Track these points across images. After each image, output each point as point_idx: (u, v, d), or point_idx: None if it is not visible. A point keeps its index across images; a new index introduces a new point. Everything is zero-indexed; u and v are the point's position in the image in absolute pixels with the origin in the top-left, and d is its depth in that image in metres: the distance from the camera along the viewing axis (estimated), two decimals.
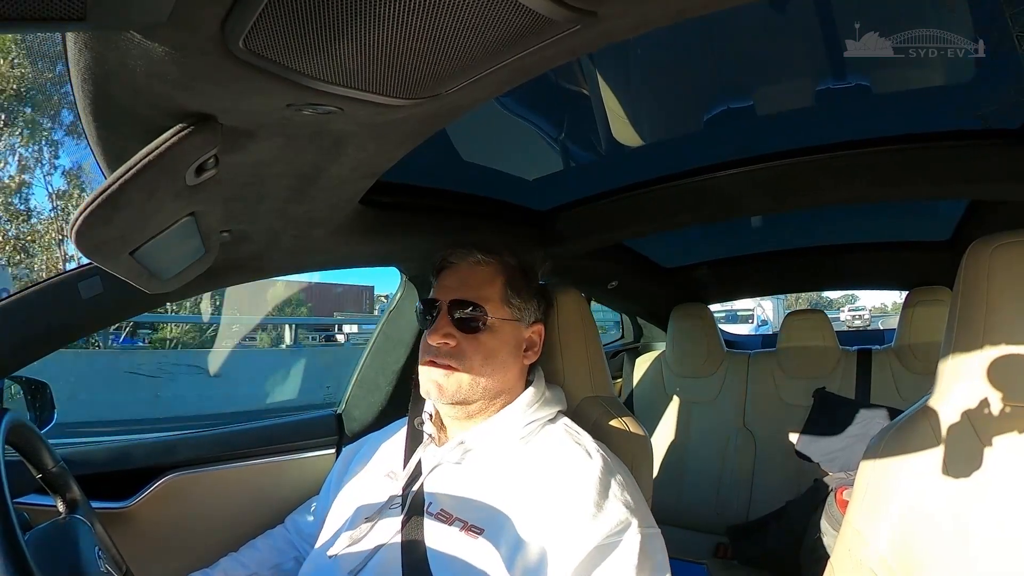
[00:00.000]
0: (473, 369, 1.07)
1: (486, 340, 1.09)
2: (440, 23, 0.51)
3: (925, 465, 0.89)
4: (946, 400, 0.92)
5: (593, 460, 1.03)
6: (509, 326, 1.12)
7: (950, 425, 0.89)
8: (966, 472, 0.86)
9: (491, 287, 1.12)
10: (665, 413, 2.83)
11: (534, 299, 1.17)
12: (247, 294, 12.31)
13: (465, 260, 1.15)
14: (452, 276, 1.14)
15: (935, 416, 0.91)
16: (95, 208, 0.59)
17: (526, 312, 1.15)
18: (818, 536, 1.78)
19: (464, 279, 1.13)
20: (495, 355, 1.09)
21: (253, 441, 1.48)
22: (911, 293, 2.44)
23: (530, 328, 1.16)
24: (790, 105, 1.32)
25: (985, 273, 0.90)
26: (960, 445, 0.88)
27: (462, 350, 1.08)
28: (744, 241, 2.58)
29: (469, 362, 1.07)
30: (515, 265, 1.17)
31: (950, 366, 0.92)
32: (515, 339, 1.13)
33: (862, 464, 0.97)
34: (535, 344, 1.17)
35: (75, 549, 0.81)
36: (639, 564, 0.92)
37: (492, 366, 1.09)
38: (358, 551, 1.04)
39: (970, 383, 0.89)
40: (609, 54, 1.15)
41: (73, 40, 0.50)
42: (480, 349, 1.08)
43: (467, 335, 1.08)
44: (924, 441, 0.90)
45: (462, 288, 1.11)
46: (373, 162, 0.86)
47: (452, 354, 1.07)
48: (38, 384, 1.13)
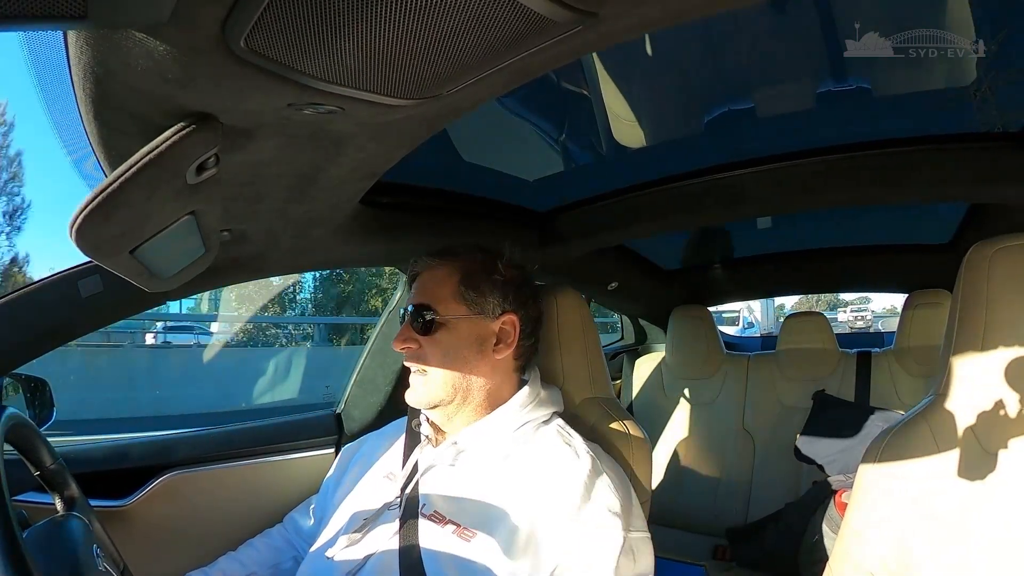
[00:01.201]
0: (433, 370, 1.10)
1: (442, 338, 1.10)
2: (441, 23, 0.51)
3: (925, 468, 0.89)
4: (946, 403, 0.92)
5: (580, 460, 1.03)
6: (466, 322, 1.11)
7: (950, 428, 0.89)
8: (966, 475, 0.86)
9: (443, 287, 1.12)
10: (664, 415, 2.82)
11: (497, 291, 1.13)
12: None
13: (423, 266, 1.16)
14: (416, 284, 1.16)
15: (935, 419, 0.91)
16: (95, 206, 0.59)
17: (487, 305, 1.12)
18: (817, 538, 1.78)
19: (422, 284, 1.15)
20: (455, 352, 1.10)
21: (252, 440, 1.48)
22: (911, 296, 2.44)
23: (498, 320, 1.13)
24: (791, 107, 1.32)
25: (985, 276, 0.90)
26: (960, 448, 0.88)
27: (423, 352, 1.10)
28: (744, 243, 2.58)
29: (427, 363, 1.10)
30: (475, 261, 1.15)
31: (950, 369, 0.92)
32: (475, 334, 1.11)
33: (861, 467, 0.97)
34: (508, 335, 1.14)
35: (73, 547, 0.81)
36: (619, 566, 0.93)
37: (453, 362, 1.10)
38: (356, 552, 1.05)
39: (970, 386, 0.90)
40: (610, 55, 1.15)
41: (74, 38, 0.50)
42: (437, 348, 1.10)
43: (426, 337, 1.10)
44: (924, 444, 0.90)
45: (420, 292, 1.13)
46: (373, 162, 0.86)
47: (416, 357, 1.11)
48: (37, 381, 1.13)
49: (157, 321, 12.13)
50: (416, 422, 1.19)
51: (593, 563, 0.93)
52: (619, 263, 2.26)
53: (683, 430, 2.76)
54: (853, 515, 0.96)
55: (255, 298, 13.94)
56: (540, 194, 1.66)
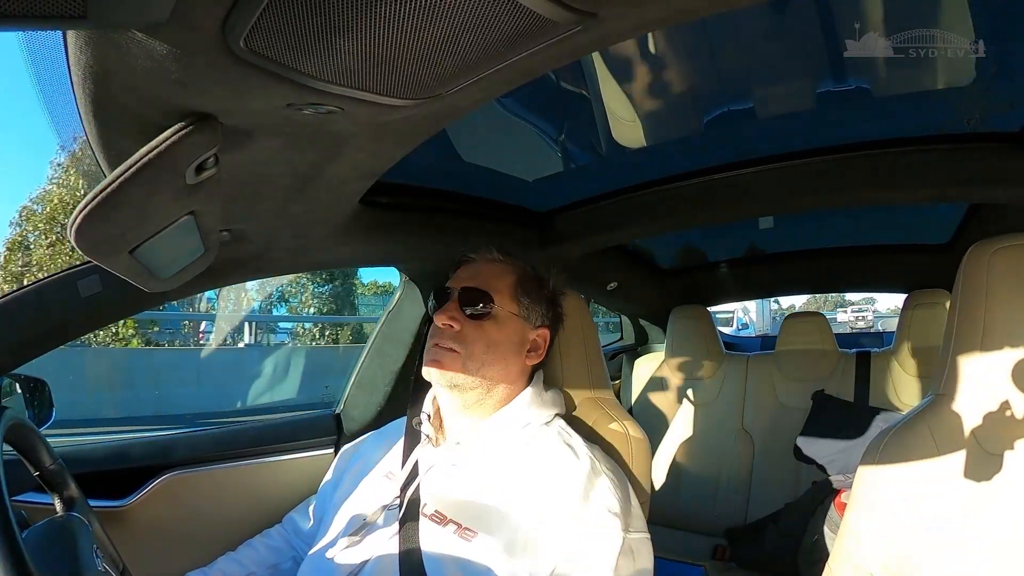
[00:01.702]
0: (474, 355, 1.09)
1: (490, 329, 1.11)
2: (441, 23, 0.51)
3: (924, 469, 0.89)
4: (945, 403, 0.92)
5: (580, 461, 1.03)
6: (515, 321, 1.14)
7: (949, 429, 0.89)
8: (965, 475, 0.86)
9: (502, 281, 1.14)
10: (664, 415, 2.82)
11: (543, 303, 1.19)
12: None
13: (482, 256, 1.19)
14: (467, 269, 1.18)
15: (934, 419, 0.91)
16: (95, 206, 0.59)
17: (533, 313, 1.17)
18: (816, 538, 1.78)
19: (477, 271, 1.16)
20: (497, 345, 1.11)
21: (251, 440, 1.48)
22: (910, 296, 2.43)
23: (536, 330, 1.17)
24: (790, 107, 1.32)
25: (984, 276, 0.90)
26: (959, 449, 0.88)
27: (466, 335, 1.09)
28: (744, 243, 2.59)
29: (471, 347, 1.09)
30: (528, 269, 1.20)
31: (949, 369, 0.92)
32: (519, 336, 1.15)
33: (860, 467, 0.97)
34: (539, 347, 1.18)
35: (73, 547, 0.81)
36: (618, 566, 0.93)
37: (493, 355, 1.10)
38: (356, 552, 1.05)
39: (970, 386, 0.89)
40: (609, 55, 1.15)
41: (74, 38, 0.50)
42: (483, 336, 1.10)
43: (473, 321, 1.10)
44: (923, 445, 0.90)
45: (475, 278, 1.14)
46: (373, 162, 0.86)
47: (456, 337, 1.09)
48: (37, 382, 1.13)
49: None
50: (417, 421, 1.19)
51: (592, 563, 0.93)
52: (618, 263, 2.26)
53: (682, 430, 2.76)
54: (852, 515, 0.96)
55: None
56: (539, 194, 1.66)
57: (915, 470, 0.89)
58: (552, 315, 1.21)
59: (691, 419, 2.76)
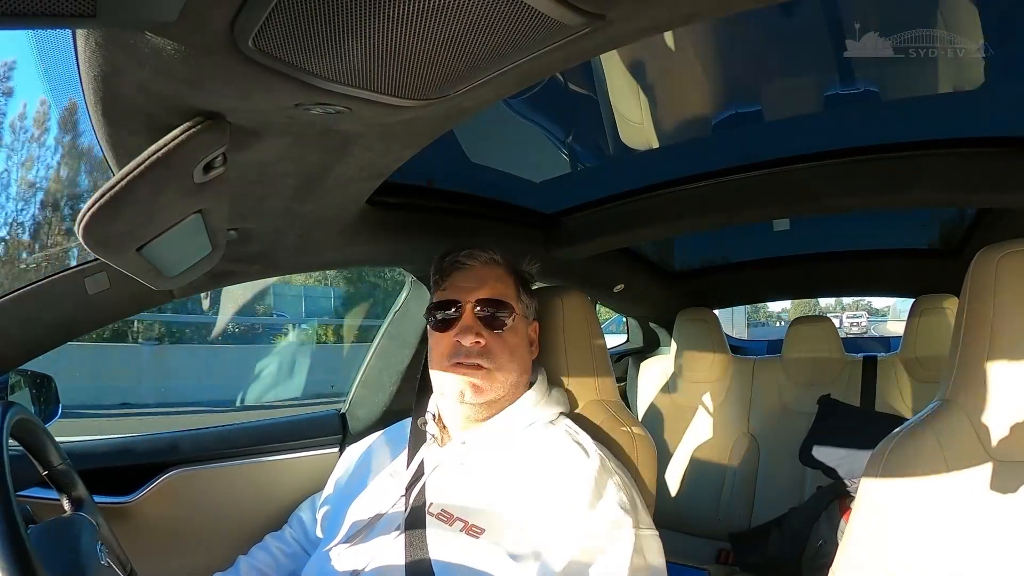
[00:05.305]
0: (502, 367, 1.08)
1: (509, 337, 1.10)
2: (449, 25, 0.51)
3: (930, 475, 0.88)
4: (951, 409, 0.91)
5: (590, 459, 1.03)
6: (522, 322, 1.15)
7: (955, 434, 0.89)
8: (971, 482, 0.85)
9: (507, 285, 1.14)
10: (669, 418, 2.81)
11: (533, 298, 1.20)
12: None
13: (479, 260, 1.14)
14: (468, 276, 1.13)
15: (940, 425, 0.91)
16: (103, 204, 0.59)
17: (530, 309, 1.18)
18: (821, 543, 1.77)
19: (483, 279, 1.12)
20: (516, 350, 1.11)
21: (257, 438, 1.48)
22: (917, 301, 2.42)
23: (531, 325, 1.19)
24: (799, 110, 1.31)
25: (992, 281, 0.89)
26: (966, 454, 0.87)
27: (490, 349, 1.08)
28: (752, 246, 2.58)
29: (498, 360, 1.08)
30: (516, 263, 1.19)
31: (956, 374, 0.92)
32: (527, 334, 1.16)
33: (865, 472, 0.96)
34: (535, 341, 1.20)
35: (77, 543, 0.81)
36: (633, 564, 0.92)
37: (515, 363, 1.10)
38: (361, 552, 1.04)
39: (976, 392, 0.89)
40: (618, 57, 1.15)
41: (83, 37, 0.50)
42: (505, 347, 1.09)
43: (493, 333, 1.09)
44: (929, 450, 0.89)
45: (484, 287, 1.11)
46: (380, 162, 0.86)
47: (482, 353, 1.07)
48: (43, 378, 1.14)
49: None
50: (422, 421, 1.18)
51: (608, 561, 0.92)
52: (625, 265, 2.26)
53: (688, 433, 2.75)
54: (857, 521, 0.95)
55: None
56: (547, 196, 1.66)
57: (921, 475, 0.89)
58: (537, 307, 1.22)
59: (696, 422, 2.75)
